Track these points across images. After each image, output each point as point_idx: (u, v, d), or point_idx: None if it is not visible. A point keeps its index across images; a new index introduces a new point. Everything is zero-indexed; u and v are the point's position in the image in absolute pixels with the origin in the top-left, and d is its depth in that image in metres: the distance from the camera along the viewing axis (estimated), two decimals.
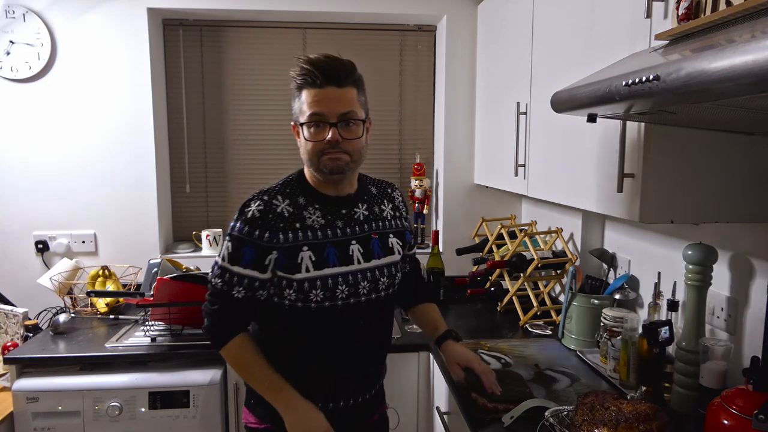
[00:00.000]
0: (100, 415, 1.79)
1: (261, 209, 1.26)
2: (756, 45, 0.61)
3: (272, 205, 1.28)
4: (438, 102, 2.67)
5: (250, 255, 1.26)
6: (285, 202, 1.29)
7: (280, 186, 1.33)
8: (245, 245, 1.26)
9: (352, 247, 1.33)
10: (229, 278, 1.27)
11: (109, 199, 2.46)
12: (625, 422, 1.12)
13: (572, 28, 1.56)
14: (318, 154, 1.27)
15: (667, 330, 1.34)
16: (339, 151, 1.26)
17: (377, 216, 1.41)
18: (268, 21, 2.58)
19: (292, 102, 1.31)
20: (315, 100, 1.25)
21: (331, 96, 1.25)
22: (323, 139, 1.25)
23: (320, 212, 1.32)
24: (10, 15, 2.31)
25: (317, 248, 1.29)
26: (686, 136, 1.20)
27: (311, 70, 1.26)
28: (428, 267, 2.41)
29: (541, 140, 1.78)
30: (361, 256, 1.34)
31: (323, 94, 1.25)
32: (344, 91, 1.27)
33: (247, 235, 1.25)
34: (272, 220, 1.26)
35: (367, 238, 1.36)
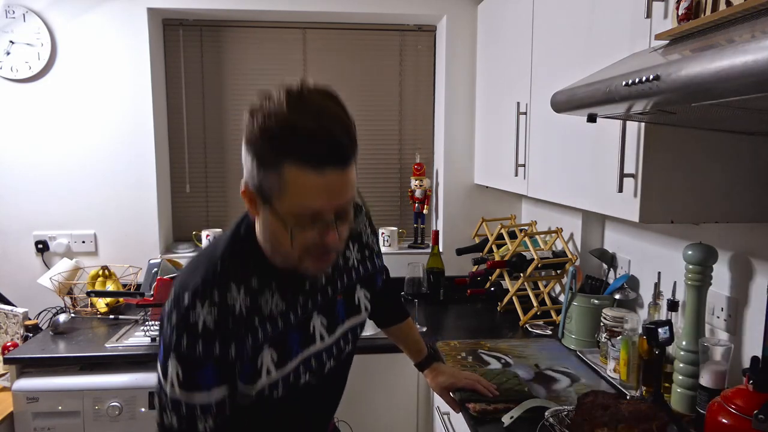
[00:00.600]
0: (100, 415, 1.79)
1: (215, 316, 0.89)
2: (756, 45, 0.61)
3: (227, 306, 0.90)
4: (438, 102, 2.67)
5: (211, 375, 0.91)
6: (240, 294, 0.93)
7: (227, 265, 0.94)
8: (203, 366, 0.90)
9: (314, 322, 1.03)
10: (188, 412, 0.91)
11: (109, 199, 2.46)
12: (625, 422, 1.12)
13: (572, 28, 1.56)
14: (300, 254, 0.90)
15: (667, 330, 1.34)
16: (329, 253, 0.93)
17: (341, 269, 1.09)
18: (268, 21, 2.58)
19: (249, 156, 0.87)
20: (310, 188, 0.83)
21: (333, 186, 0.85)
22: (315, 242, 0.89)
23: (278, 293, 0.97)
24: (10, 15, 2.30)
25: (278, 342, 0.97)
26: (686, 136, 1.20)
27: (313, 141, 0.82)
28: (428, 267, 2.41)
29: (541, 140, 1.78)
30: (325, 330, 1.05)
31: (323, 183, 0.83)
32: (347, 173, 0.86)
33: (203, 354, 0.89)
34: (233, 328, 0.91)
35: (331, 303, 1.07)
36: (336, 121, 0.84)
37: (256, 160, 0.86)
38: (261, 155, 0.85)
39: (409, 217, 2.76)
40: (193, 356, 0.89)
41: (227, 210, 2.69)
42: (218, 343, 0.89)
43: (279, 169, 0.83)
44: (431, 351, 1.53)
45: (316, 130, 0.82)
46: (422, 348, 1.51)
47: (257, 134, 0.84)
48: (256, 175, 0.87)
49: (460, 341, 1.91)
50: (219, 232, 2.57)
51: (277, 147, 0.83)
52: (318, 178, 0.83)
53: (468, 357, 1.76)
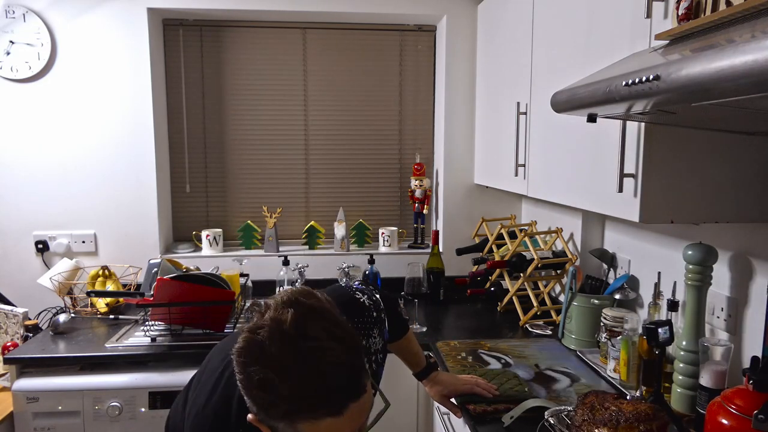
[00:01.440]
0: (100, 415, 1.79)
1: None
2: (756, 45, 0.61)
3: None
4: (438, 102, 2.67)
5: None
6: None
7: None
8: None
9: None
10: None
11: (109, 199, 2.46)
12: (625, 422, 1.12)
13: (572, 28, 1.56)
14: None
15: (667, 330, 1.34)
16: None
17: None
18: (268, 21, 2.58)
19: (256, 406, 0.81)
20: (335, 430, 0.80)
21: (353, 415, 0.81)
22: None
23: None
24: (10, 15, 2.30)
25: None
26: (686, 136, 1.20)
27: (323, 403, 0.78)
28: (428, 267, 2.41)
29: (541, 140, 1.78)
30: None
31: (344, 420, 0.80)
32: (366, 396, 0.83)
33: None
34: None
35: None
36: (340, 366, 0.79)
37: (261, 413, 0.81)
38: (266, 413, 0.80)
39: (409, 217, 2.76)
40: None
41: (227, 210, 2.69)
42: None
43: (291, 423, 0.79)
44: (430, 361, 1.52)
45: (324, 390, 0.77)
46: (421, 359, 1.50)
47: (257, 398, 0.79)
48: (266, 420, 0.82)
49: (460, 341, 1.91)
50: (219, 232, 2.57)
51: (283, 413, 0.78)
52: (336, 420, 0.79)
53: (468, 357, 1.76)
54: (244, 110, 2.64)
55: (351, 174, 2.72)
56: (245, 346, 0.80)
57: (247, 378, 0.79)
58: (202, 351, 1.85)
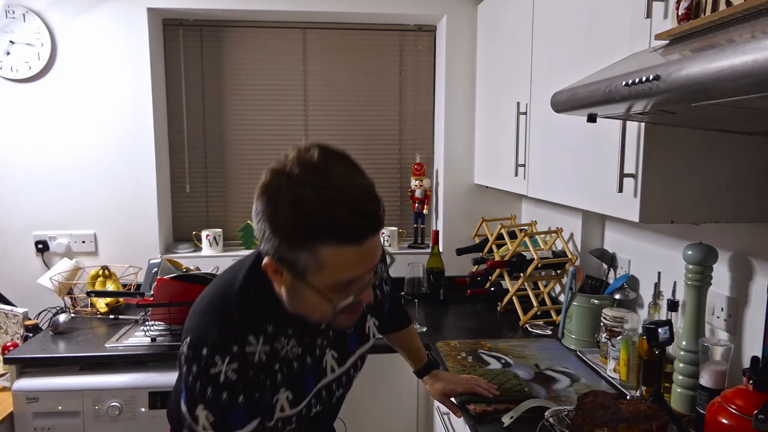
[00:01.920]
0: (100, 415, 1.79)
1: (235, 368, 0.90)
2: (756, 45, 0.61)
3: (246, 356, 0.92)
4: (438, 102, 2.67)
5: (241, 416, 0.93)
6: (259, 342, 0.94)
7: (243, 314, 0.93)
8: (231, 411, 0.91)
9: (326, 357, 1.06)
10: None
11: (109, 199, 2.46)
12: (625, 422, 1.12)
13: (572, 28, 1.56)
14: (336, 315, 0.91)
15: (667, 330, 1.34)
16: (362, 306, 0.95)
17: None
18: (268, 21, 2.58)
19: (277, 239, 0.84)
20: (350, 261, 0.85)
21: (370, 252, 0.86)
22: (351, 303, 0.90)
23: (295, 338, 0.99)
24: (10, 15, 2.30)
25: (296, 383, 1.01)
26: (686, 136, 1.20)
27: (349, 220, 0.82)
28: (428, 267, 2.41)
29: (541, 140, 1.78)
30: (335, 363, 1.08)
31: (362, 253, 0.85)
32: (378, 235, 0.89)
33: (230, 403, 0.91)
34: (254, 377, 0.93)
35: (341, 337, 1.10)
36: (364, 193, 0.84)
37: (285, 242, 0.84)
38: (291, 239, 0.83)
39: (409, 217, 2.76)
40: (220, 404, 0.90)
41: (227, 210, 2.69)
42: (242, 393, 0.91)
43: (313, 250, 0.82)
44: (431, 359, 1.53)
45: (349, 211, 0.81)
46: (422, 356, 1.51)
47: (285, 219, 0.82)
48: (287, 255, 0.85)
49: (460, 341, 1.91)
50: (219, 232, 2.57)
51: (309, 232, 0.81)
52: (356, 250, 0.83)
53: (468, 357, 1.76)
54: (244, 110, 2.64)
55: None
56: (271, 178, 0.84)
57: (274, 205, 0.82)
58: None
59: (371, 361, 1.91)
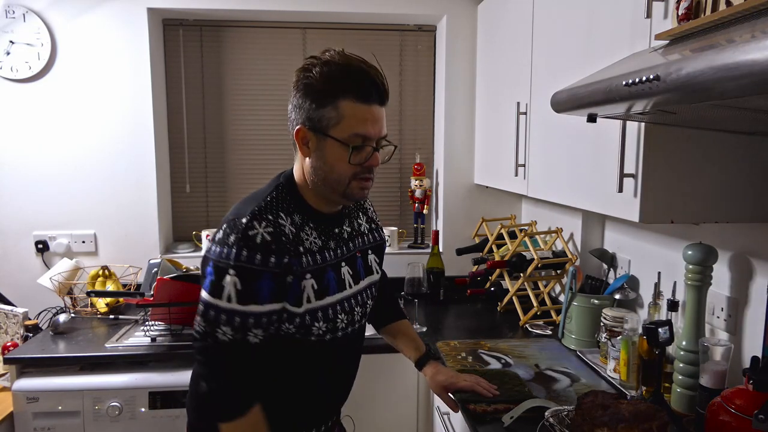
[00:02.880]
0: (100, 415, 1.79)
1: (270, 231, 1.05)
2: (756, 45, 0.61)
3: (280, 226, 1.07)
4: (438, 102, 2.67)
5: (268, 288, 1.04)
6: (288, 221, 1.10)
7: (275, 200, 1.12)
8: (261, 277, 1.03)
9: (343, 269, 1.19)
10: (242, 322, 1.02)
11: (109, 199, 2.46)
12: (625, 422, 1.12)
13: (572, 28, 1.56)
14: (350, 178, 1.10)
15: (667, 330, 1.34)
16: (370, 178, 1.14)
17: (358, 232, 1.28)
18: (268, 21, 2.58)
19: (307, 101, 1.08)
20: (363, 117, 1.07)
21: (377, 116, 1.10)
22: (362, 163, 1.09)
23: (316, 232, 1.15)
24: (10, 15, 2.30)
25: (319, 275, 1.13)
26: (686, 136, 1.20)
27: (362, 79, 1.07)
28: (428, 267, 2.41)
29: (541, 140, 1.78)
30: (351, 279, 1.21)
31: (371, 113, 1.08)
32: (384, 111, 1.13)
33: (261, 264, 1.03)
34: (285, 244, 1.06)
35: (353, 258, 1.23)
36: (377, 70, 1.10)
37: (315, 101, 1.07)
38: (320, 96, 1.07)
39: (409, 217, 2.76)
40: (252, 267, 1.02)
41: (227, 210, 2.66)
42: (274, 255, 1.04)
43: (336, 104, 1.06)
44: (429, 349, 1.53)
45: (366, 73, 1.07)
46: (420, 345, 1.51)
47: (317, 79, 1.06)
48: (314, 115, 1.08)
49: (460, 341, 1.91)
50: None
51: (335, 86, 1.06)
52: (367, 109, 1.07)
53: (468, 357, 1.76)
54: (244, 110, 2.64)
55: None
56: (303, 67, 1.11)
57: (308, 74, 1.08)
58: None
59: (371, 362, 1.93)
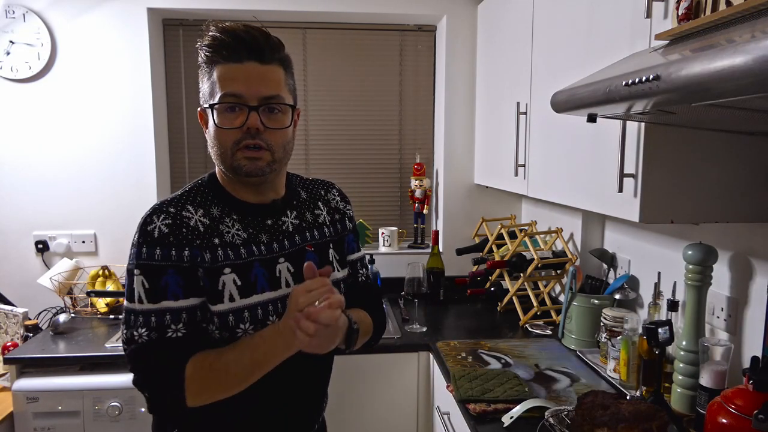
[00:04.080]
0: (100, 415, 1.79)
1: (169, 223, 1.00)
2: (756, 45, 0.61)
3: (182, 218, 1.02)
4: (438, 102, 2.67)
5: (175, 282, 0.99)
6: (198, 213, 1.04)
7: (186, 193, 1.08)
8: (165, 273, 0.98)
9: (279, 266, 1.09)
10: (157, 320, 0.97)
11: (109, 199, 2.46)
12: (625, 422, 1.12)
13: (572, 28, 1.56)
14: (232, 148, 1.02)
15: (667, 330, 1.34)
16: (259, 148, 1.02)
17: (311, 224, 1.17)
18: (268, 21, 2.58)
19: (200, 82, 1.07)
20: (231, 77, 1.01)
21: (252, 73, 1.02)
22: (240, 126, 1.01)
23: (240, 224, 1.07)
24: (10, 15, 2.30)
25: (242, 270, 1.04)
26: (686, 136, 1.20)
27: (227, 40, 1.02)
28: (428, 267, 2.41)
29: (541, 140, 1.78)
30: (291, 277, 1.09)
31: (242, 70, 1.01)
32: (268, 69, 1.03)
33: (162, 259, 0.98)
34: (186, 236, 1.01)
35: (299, 253, 1.12)
36: (255, 29, 1.03)
37: (201, 79, 1.06)
38: (202, 72, 1.06)
39: (409, 217, 2.76)
40: (154, 263, 0.99)
41: None
42: (174, 248, 1.00)
43: (211, 73, 1.03)
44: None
45: (238, 33, 1.02)
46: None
47: (200, 56, 1.05)
48: (201, 88, 1.07)
49: (460, 341, 1.91)
50: None
51: (208, 56, 1.03)
52: (238, 67, 1.01)
53: (468, 357, 1.76)
54: None
55: (351, 174, 2.71)
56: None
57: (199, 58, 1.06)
58: None
59: (371, 361, 1.93)
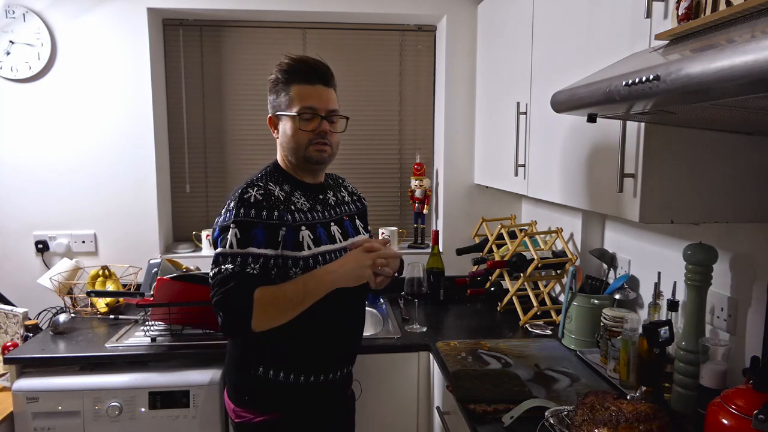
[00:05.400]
0: (100, 415, 1.79)
1: (262, 193, 1.37)
2: (756, 45, 0.61)
3: (269, 190, 1.39)
4: (438, 102, 2.67)
5: (261, 235, 1.32)
6: (277, 188, 1.42)
7: (263, 176, 1.45)
8: (254, 227, 1.32)
9: (333, 228, 1.49)
10: (242, 260, 1.30)
11: (109, 199, 2.46)
12: (625, 422, 1.12)
13: (572, 28, 1.56)
14: (307, 144, 1.42)
15: (667, 330, 1.34)
16: (325, 143, 1.43)
17: (342, 201, 1.58)
18: (268, 21, 2.58)
19: (272, 95, 1.46)
20: (307, 94, 1.42)
21: (321, 93, 1.43)
22: (314, 130, 1.42)
23: (304, 197, 1.46)
24: (10, 15, 2.30)
25: (311, 228, 1.42)
26: (686, 136, 1.20)
27: (304, 68, 1.42)
28: (428, 267, 2.41)
29: (541, 140, 1.78)
30: (340, 235, 1.49)
31: (314, 90, 1.42)
32: (329, 90, 1.46)
33: (254, 217, 1.33)
34: (274, 202, 1.37)
35: (340, 221, 1.52)
36: (320, 62, 1.46)
37: (275, 93, 1.46)
38: (277, 88, 1.45)
39: (409, 217, 2.76)
40: (248, 220, 1.33)
41: None
42: (265, 210, 1.35)
43: (287, 90, 1.43)
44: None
45: (307, 62, 1.44)
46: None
47: (275, 77, 1.45)
48: (275, 103, 1.46)
49: (460, 341, 1.91)
50: None
51: (286, 78, 1.43)
52: (311, 88, 1.43)
53: (468, 357, 1.76)
54: (244, 110, 2.64)
55: (351, 174, 2.71)
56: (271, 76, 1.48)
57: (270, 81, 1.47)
58: (202, 351, 1.86)
59: (371, 361, 1.93)
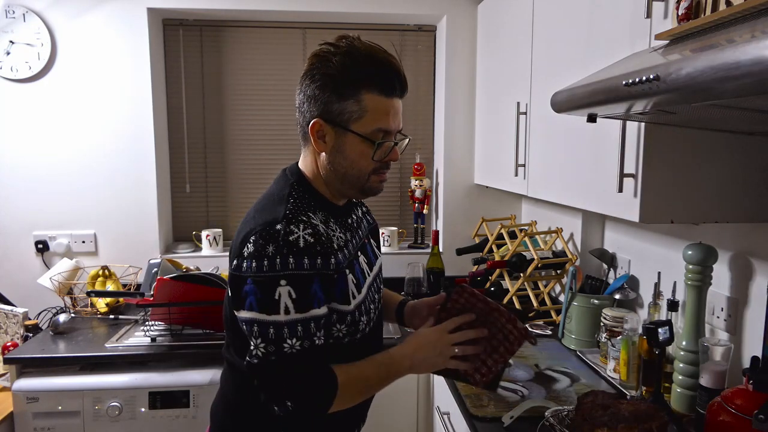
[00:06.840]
0: (100, 415, 1.79)
1: (311, 232, 1.00)
2: (756, 45, 0.61)
3: (315, 225, 1.02)
4: (438, 102, 2.67)
5: (321, 290, 1.00)
6: (318, 219, 1.05)
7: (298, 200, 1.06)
8: (312, 281, 0.99)
9: (361, 258, 1.16)
10: (305, 329, 0.98)
11: (109, 199, 2.46)
12: (625, 422, 1.12)
13: (572, 28, 1.56)
14: (371, 173, 1.07)
15: (667, 330, 1.34)
16: (387, 170, 1.11)
17: (360, 219, 1.25)
18: (268, 21, 2.58)
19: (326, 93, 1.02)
20: (384, 111, 1.03)
21: (397, 110, 1.06)
22: (384, 158, 1.07)
23: (338, 227, 1.11)
24: (10, 15, 2.30)
25: (352, 268, 1.10)
26: (686, 136, 1.20)
27: (387, 74, 1.02)
28: (428, 267, 2.41)
29: (541, 140, 1.78)
30: (367, 266, 1.18)
31: (391, 105, 1.04)
32: (401, 104, 1.08)
33: (310, 268, 0.98)
34: (326, 243, 1.02)
35: (364, 246, 1.21)
36: (400, 67, 1.04)
37: (335, 93, 1.01)
38: (341, 87, 1.01)
39: (409, 217, 2.76)
40: (303, 272, 0.98)
41: (227, 210, 2.69)
42: (320, 257, 1.00)
43: (359, 96, 1.01)
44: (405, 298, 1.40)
45: (390, 65, 1.02)
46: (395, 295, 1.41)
47: (338, 69, 1.00)
48: (334, 108, 1.02)
49: None
50: (219, 232, 2.57)
51: (359, 78, 1.00)
52: (390, 103, 1.03)
53: None
54: (244, 110, 2.64)
55: None
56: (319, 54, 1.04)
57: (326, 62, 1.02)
58: (202, 351, 1.86)
59: None
